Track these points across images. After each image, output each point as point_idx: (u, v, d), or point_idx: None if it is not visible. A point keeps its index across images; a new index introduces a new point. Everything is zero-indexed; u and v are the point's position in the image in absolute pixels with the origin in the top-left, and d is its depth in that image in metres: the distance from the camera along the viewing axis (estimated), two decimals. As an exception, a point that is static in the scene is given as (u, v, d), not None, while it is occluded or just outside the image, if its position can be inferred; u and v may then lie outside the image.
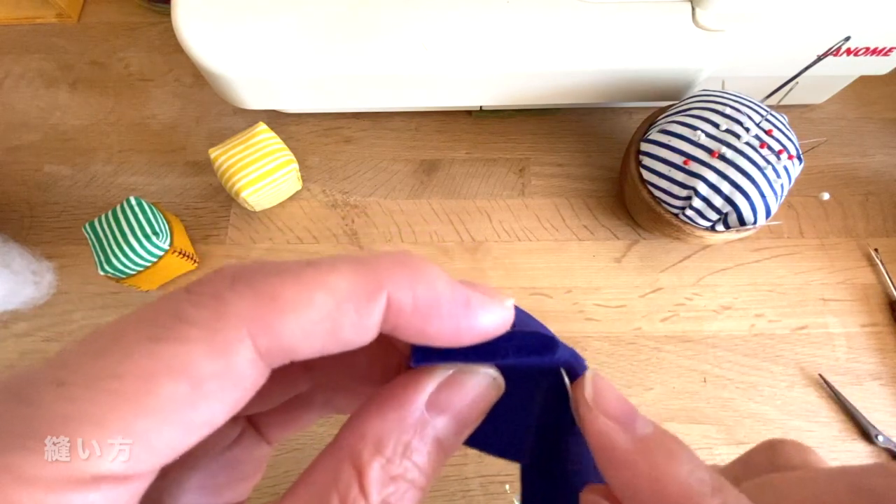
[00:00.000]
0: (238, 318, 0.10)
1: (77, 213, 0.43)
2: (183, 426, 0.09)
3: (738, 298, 0.41)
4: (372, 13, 0.37)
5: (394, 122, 0.47)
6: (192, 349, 0.09)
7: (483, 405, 0.12)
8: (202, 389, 0.09)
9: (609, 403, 0.12)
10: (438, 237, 0.43)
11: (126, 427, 0.09)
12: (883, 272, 0.42)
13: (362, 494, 0.10)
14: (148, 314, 0.10)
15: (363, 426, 0.11)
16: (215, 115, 0.47)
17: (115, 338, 0.10)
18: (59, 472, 0.08)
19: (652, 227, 0.41)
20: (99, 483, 0.09)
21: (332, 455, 0.11)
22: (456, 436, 0.12)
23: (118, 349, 0.09)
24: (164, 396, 0.09)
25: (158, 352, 0.09)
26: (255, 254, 0.42)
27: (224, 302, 0.10)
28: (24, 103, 0.47)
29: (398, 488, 0.11)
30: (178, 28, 0.36)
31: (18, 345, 0.39)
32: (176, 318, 0.10)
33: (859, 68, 0.41)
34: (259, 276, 0.10)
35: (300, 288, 0.10)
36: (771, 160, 0.34)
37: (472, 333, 0.12)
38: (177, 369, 0.09)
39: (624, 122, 0.48)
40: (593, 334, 0.40)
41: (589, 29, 0.37)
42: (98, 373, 0.09)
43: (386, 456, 0.11)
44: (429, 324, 0.11)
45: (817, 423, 0.38)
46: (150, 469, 0.09)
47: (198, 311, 0.10)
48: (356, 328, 0.11)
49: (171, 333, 0.09)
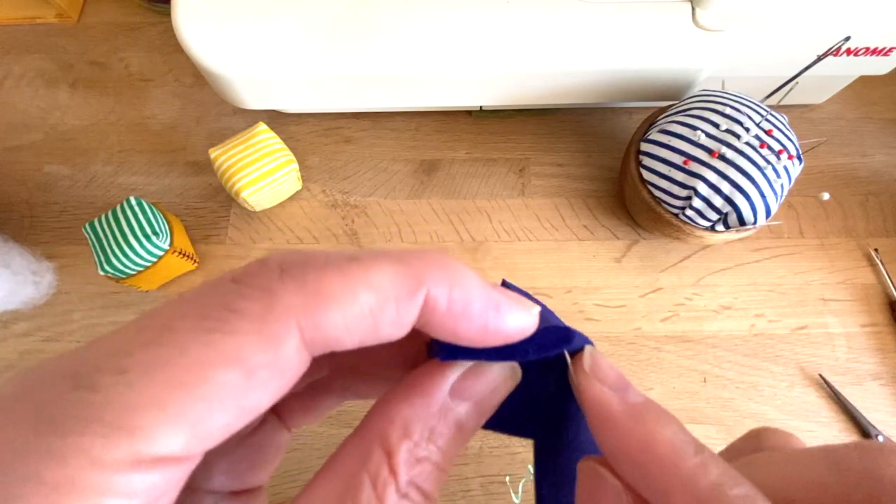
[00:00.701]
0: (287, 311, 0.10)
1: (77, 213, 0.43)
2: (234, 412, 0.10)
3: (738, 298, 0.41)
4: (372, 13, 0.37)
5: (394, 122, 0.47)
6: (244, 340, 0.10)
7: (502, 392, 0.13)
8: (253, 378, 0.10)
9: (605, 372, 0.13)
10: (438, 237, 0.43)
11: (184, 412, 0.09)
12: (883, 272, 0.42)
13: (392, 475, 0.11)
14: (198, 305, 0.10)
15: (391, 411, 0.12)
16: (215, 115, 0.47)
17: (169, 328, 0.10)
18: (125, 455, 0.09)
19: (652, 227, 0.41)
20: (158, 464, 0.09)
21: (361, 438, 0.12)
22: (476, 420, 0.13)
23: (174, 339, 0.10)
24: (219, 384, 0.10)
25: (212, 342, 0.10)
26: (255, 254, 0.42)
27: (273, 294, 0.10)
28: (24, 103, 0.47)
29: (423, 469, 0.11)
30: (178, 28, 0.36)
31: (18, 345, 0.39)
32: (228, 310, 0.10)
33: (859, 68, 0.41)
34: (306, 269, 0.11)
35: (346, 283, 0.11)
36: (771, 160, 0.34)
37: (499, 336, 0.12)
38: (230, 359, 0.10)
39: (624, 122, 0.48)
40: (593, 334, 0.40)
41: (589, 29, 0.37)
42: (156, 361, 0.09)
43: (413, 440, 0.11)
44: (459, 323, 0.12)
45: (817, 423, 0.38)
46: (203, 450, 0.10)
47: (248, 303, 0.10)
48: (394, 323, 0.11)
49: (224, 325, 0.10)
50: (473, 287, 0.12)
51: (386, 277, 0.11)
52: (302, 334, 0.10)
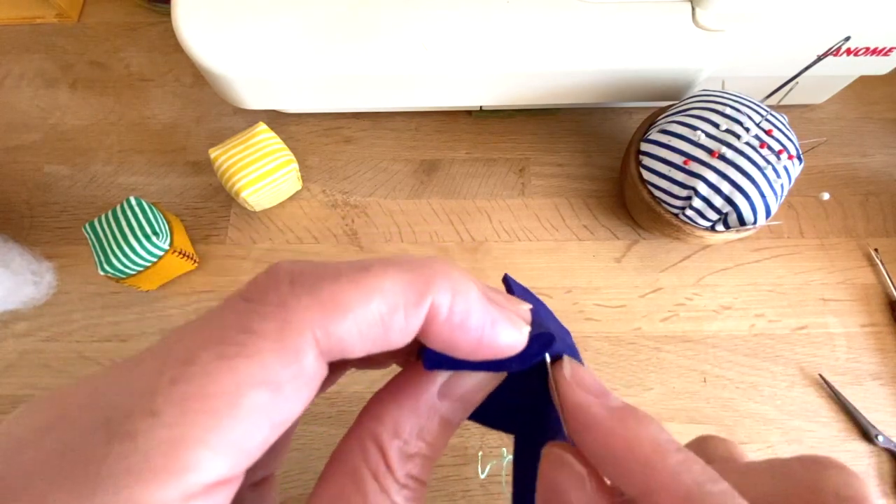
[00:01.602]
0: (304, 325, 0.10)
1: (77, 213, 0.43)
2: (268, 428, 0.10)
3: (738, 298, 0.41)
4: (372, 13, 0.37)
5: (394, 122, 0.47)
6: (267, 360, 0.10)
7: (487, 390, 0.14)
8: (282, 394, 0.10)
9: (585, 380, 0.13)
10: (438, 237, 0.43)
11: (223, 439, 0.10)
12: (883, 272, 0.42)
13: (389, 470, 0.12)
14: (215, 332, 0.11)
15: (382, 413, 0.12)
16: (215, 115, 0.47)
17: (191, 361, 0.10)
18: (177, 493, 0.09)
19: (652, 227, 0.41)
20: (209, 491, 0.10)
21: (357, 437, 0.12)
22: (461, 414, 0.14)
23: (199, 372, 0.10)
24: (251, 407, 0.10)
25: (237, 367, 0.10)
26: (255, 254, 0.42)
27: (288, 309, 0.11)
28: (24, 103, 0.47)
29: (415, 463, 0.12)
30: (178, 28, 0.36)
31: (18, 345, 0.39)
32: (246, 332, 0.10)
33: (859, 68, 0.41)
34: (318, 279, 0.11)
35: (359, 293, 0.11)
36: (771, 160, 0.34)
37: (490, 351, 0.13)
38: (257, 381, 0.10)
39: (624, 122, 0.48)
40: (593, 334, 0.40)
41: (589, 29, 0.37)
42: (187, 397, 0.10)
43: (403, 438, 0.12)
44: (455, 334, 0.12)
45: (817, 423, 0.38)
46: (246, 467, 0.10)
47: (265, 322, 0.10)
48: (402, 331, 0.12)
49: (245, 349, 0.10)
50: (474, 299, 0.12)
51: (397, 286, 0.11)
52: (318, 344, 0.11)
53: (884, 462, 0.37)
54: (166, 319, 0.40)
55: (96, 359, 0.39)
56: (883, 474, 0.37)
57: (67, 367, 0.39)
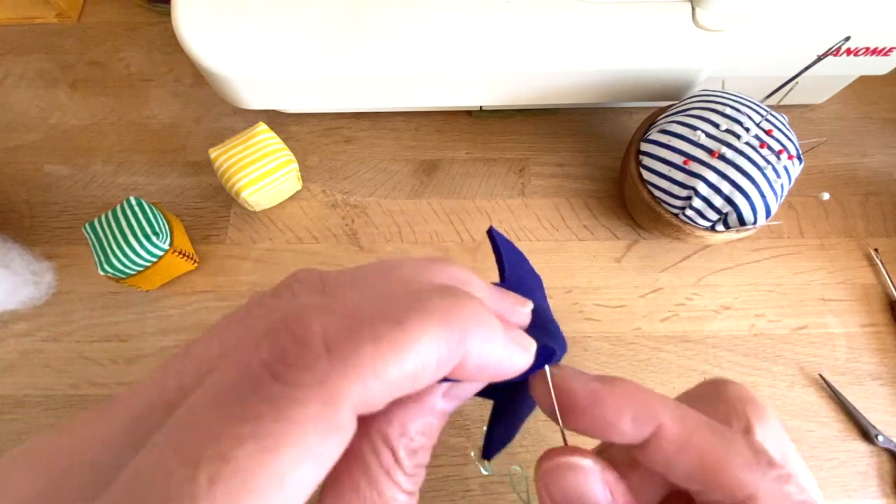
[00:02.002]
0: (345, 401, 0.10)
1: (77, 213, 0.43)
2: (310, 492, 0.10)
3: (738, 298, 0.41)
4: (372, 13, 0.37)
5: (394, 122, 0.47)
6: (311, 441, 0.10)
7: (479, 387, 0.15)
8: (325, 464, 0.10)
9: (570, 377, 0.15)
10: (438, 237, 0.43)
11: None
12: (883, 272, 0.42)
13: (399, 466, 0.13)
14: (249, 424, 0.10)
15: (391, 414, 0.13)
16: (215, 115, 0.47)
17: (226, 459, 0.09)
18: None
19: (652, 227, 0.41)
20: None
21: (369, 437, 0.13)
22: (458, 405, 0.15)
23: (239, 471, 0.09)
24: (294, 483, 0.10)
25: (281, 456, 0.10)
26: (255, 254, 0.42)
27: (329, 390, 0.10)
28: (24, 103, 0.47)
29: (419, 454, 0.13)
30: (178, 28, 0.36)
31: (18, 345, 0.39)
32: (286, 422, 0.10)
33: (859, 68, 0.41)
34: (356, 345, 0.11)
35: (396, 357, 0.11)
36: (771, 160, 0.34)
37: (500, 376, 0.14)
38: (301, 459, 0.10)
39: (624, 122, 0.48)
40: (593, 334, 0.40)
41: (589, 29, 0.37)
42: (229, 492, 0.09)
43: (409, 436, 0.13)
44: (475, 373, 0.13)
45: (817, 423, 0.38)
46: None
47: (307, 409, 0.10)
48: (431, 380, 0.12)
49: (285, 439, 0.10)
50: (498, 342, 0.13)
51: (433, 345, 0.11)
52: (354, 409, 0.11)
53: (884, 462, 0.37)
54: (166, 319, 0.40)
55: (96, 359, 0.39)
56: (883, 474, 0.37)
57: (67, 367, 0.39)
